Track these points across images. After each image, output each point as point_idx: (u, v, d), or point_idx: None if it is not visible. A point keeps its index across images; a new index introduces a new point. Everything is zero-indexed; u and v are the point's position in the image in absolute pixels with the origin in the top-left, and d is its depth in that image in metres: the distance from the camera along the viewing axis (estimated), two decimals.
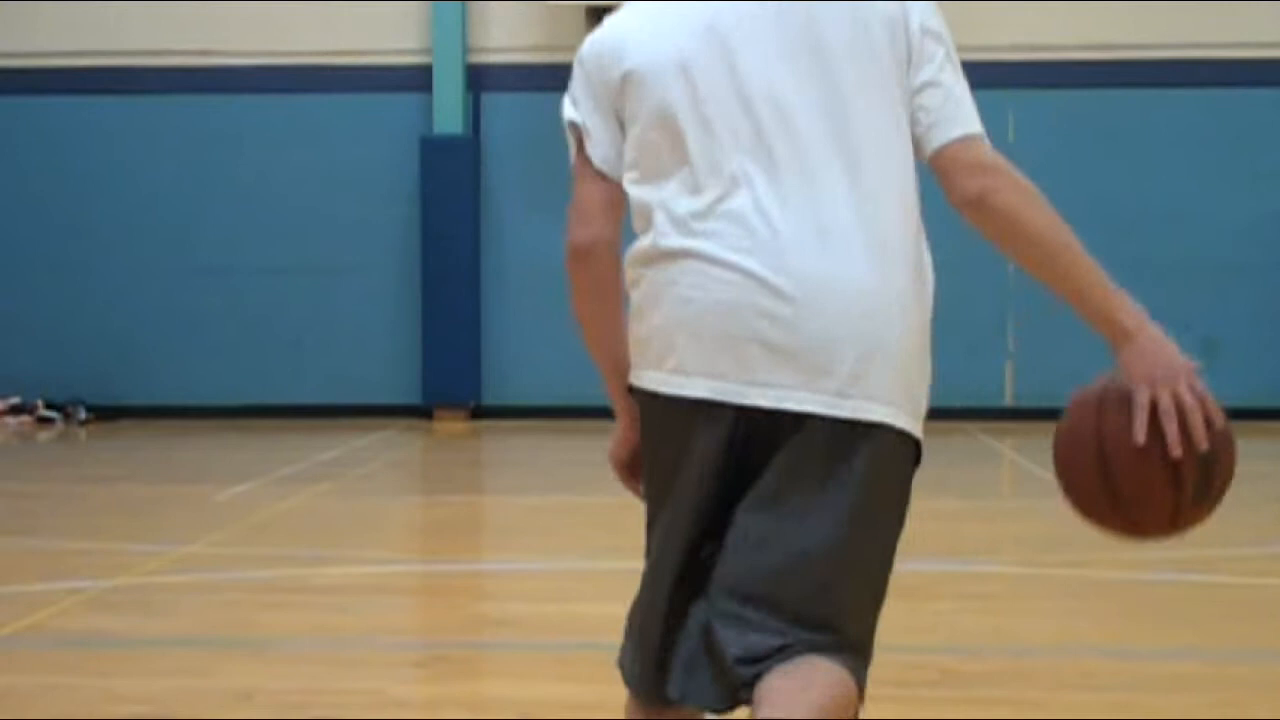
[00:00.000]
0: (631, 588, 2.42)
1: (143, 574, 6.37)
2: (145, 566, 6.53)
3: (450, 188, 14.49)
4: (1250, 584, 6.21)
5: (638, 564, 2.46)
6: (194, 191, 14.73)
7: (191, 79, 14.70)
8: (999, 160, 2.41)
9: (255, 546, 7.17)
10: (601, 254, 2.50)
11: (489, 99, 14.74)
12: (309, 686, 4.49)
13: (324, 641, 5.14)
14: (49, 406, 14.43)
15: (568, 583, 6.21)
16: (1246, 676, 4.63)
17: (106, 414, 14.40)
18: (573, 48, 2.42)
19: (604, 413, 2.52)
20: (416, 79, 14.62)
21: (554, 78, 17.10)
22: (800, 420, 2.30)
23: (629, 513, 10.02)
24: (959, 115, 2.43)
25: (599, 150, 2.49)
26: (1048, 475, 2.34)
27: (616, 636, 2.45)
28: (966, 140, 2.42)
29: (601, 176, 2.49)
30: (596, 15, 14.48)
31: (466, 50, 14.66)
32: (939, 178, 2.43)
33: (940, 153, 2.42)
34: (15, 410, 14.40)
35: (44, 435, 13.76)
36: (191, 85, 14.69)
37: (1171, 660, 4.02)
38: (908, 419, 2.36)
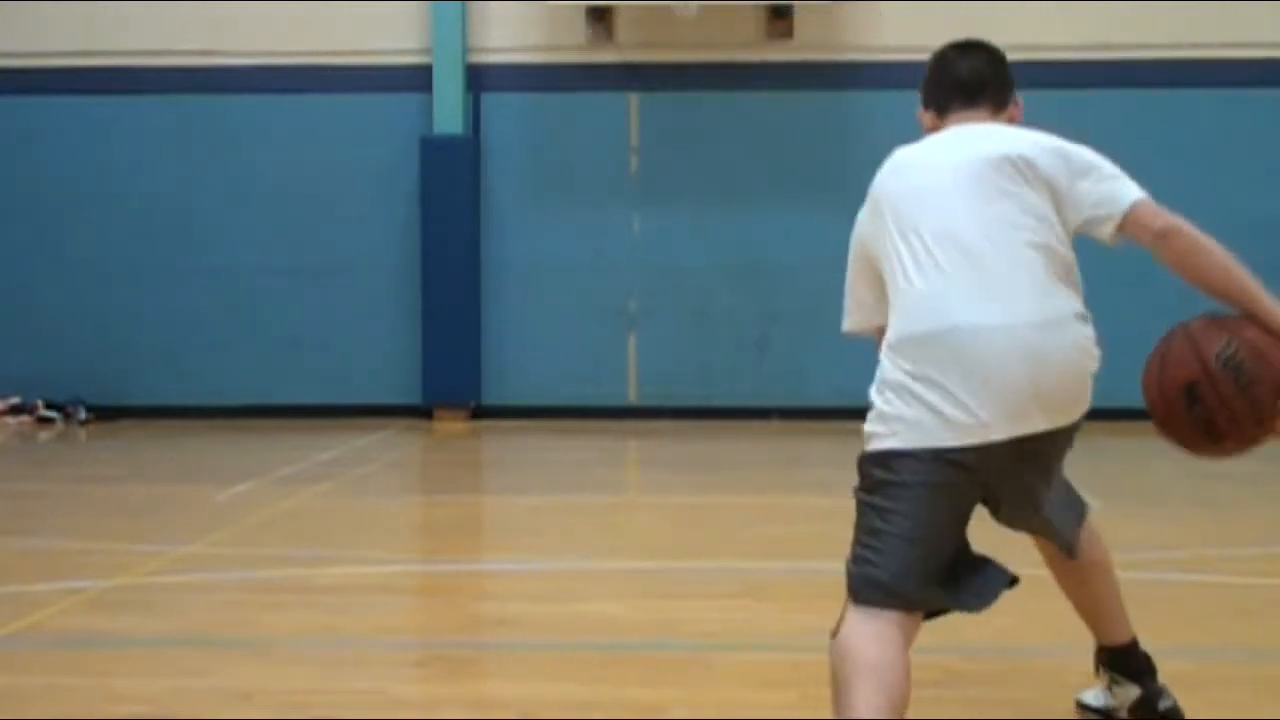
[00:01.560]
0: (631, 587, 2.42)
1: (143, 574, 6.37)
2: (145, 566, 6.53)
3: (450, 188, 14.49)
4: (1250, 584, 6.21)
5: (637, 564, 2.46)
6: (194, 191, 14.73)
7: (192, 79, 14.69)
8: (1167, 214, 3.46)
9: (255, 546, 7.17)
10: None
11: (489, 99, 14.74)
12: (309, 686, 4.49)
13: (324, 641, 5.14)
14: (49, 406, 14.43)
15: (568, 583, 6.20)
16: (1246, 676, 4.64)
17: (106, 414, 14.40)
18: (573, 48, 2.44)
19: (603, 413, 2.52)
20: (416, 79, 14.62)
21: (554, 78, 17.11)
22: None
23: (629, 513, 9.99)
24: (1118, 192, 3.52)
25: None
26: None
27: (616, 636, 2.45)
28: (1135, 205, 3.49)
29: None
30: (597, 15, 14.49)
31: (466, 50, 14.66)
32: (1131, 237, 3.50)
33: (1123, 224, 3.48)
34: (15, 410, 14.40)
35: (44, 435, 13.76)
36: (192, 85, 14.69)
37: (1171, 660, 4.02)
38: (1086, 405, 3.49)
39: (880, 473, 3.44)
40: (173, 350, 14.72)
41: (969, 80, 3.74)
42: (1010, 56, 3.98)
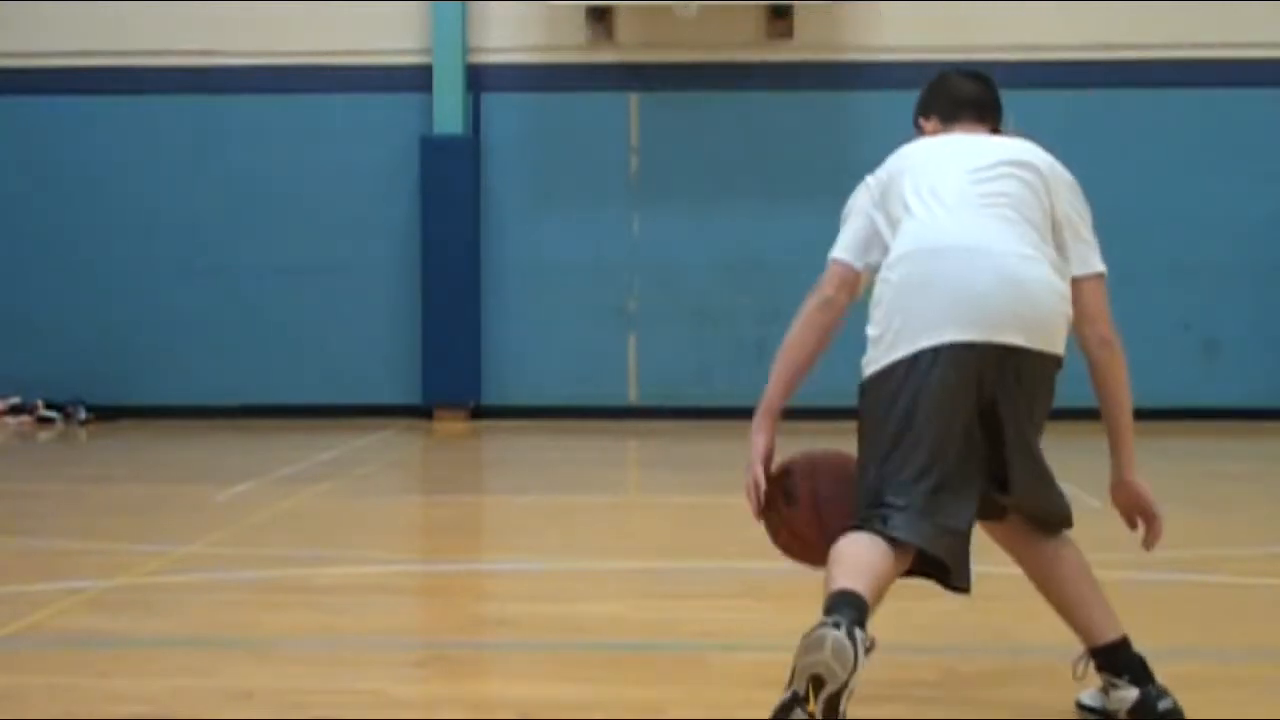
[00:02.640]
0: (631, 587, 2.42)
1: (143, 574, 6.37)
2: (145, 566, 6.53)
3: (450, 188, 14.49)
4: (1250, 584, 6.21)
5: (637, 564, 2.46)
6: (194, 191, 14.74)
7: (192, 79, 14.70)
8: (1109, 321, 3.83)
9: (255, 546, 7.17)
10: None
11: (489, 99, 14.75)
12: (309, 686, 4.49)
13: (324, 641, 5.13)
14: (49, 406, 14.44)
15: (568, 583, 6.20)
16: (1246, 676, 4.64)
17: (106, 414, 14.40)
18: (573, 48, 2.44)
19: (603, 413, 2.52)
20: (416, 79, 14.63)
21: (554, 78, 17.08)
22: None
23: (629, 513, 9.96)
24: (1088, 257, 3.86)
25: None
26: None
27: (616, 636, 2.45)
28: (1090, 280, 3.84)
29: None
30: (597, 15, 14.49)
31: (466, 50, 14.67)
32: (1074, 298, 3.80)
33: (1083, 280, 3.83)
34: (15, 410, 14.41)
35: (44, 435, 13.76)
36: (192, 85, 14.70)
37: (1171, 660, 4.02)
38: (1062, 344, 3.79)
39: (873, 392, 3.80)
40: (173, 350, 14.72)
41: (977, 99, 4.14)
42: (1010, 56, 4.12)
